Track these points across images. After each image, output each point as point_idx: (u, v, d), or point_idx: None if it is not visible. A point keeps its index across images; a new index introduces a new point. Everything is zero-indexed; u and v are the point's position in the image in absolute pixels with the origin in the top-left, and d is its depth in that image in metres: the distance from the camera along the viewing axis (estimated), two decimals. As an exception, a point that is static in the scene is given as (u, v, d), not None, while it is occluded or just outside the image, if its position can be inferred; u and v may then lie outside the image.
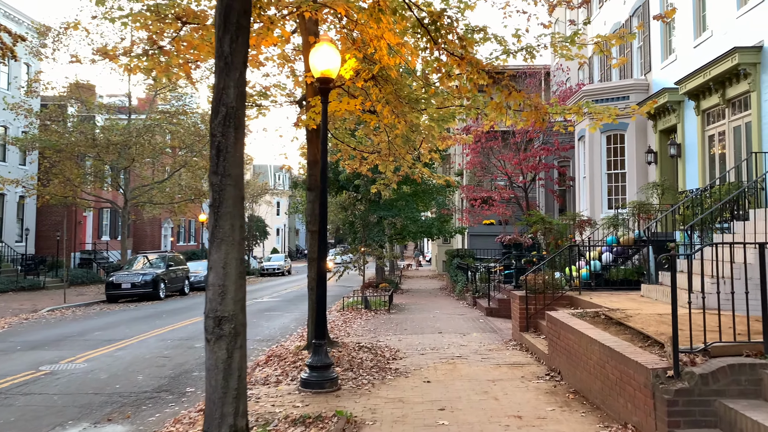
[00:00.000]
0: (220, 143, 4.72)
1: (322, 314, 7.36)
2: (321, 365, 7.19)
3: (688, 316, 5.18)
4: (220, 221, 4.67)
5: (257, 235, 49.07)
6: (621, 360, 5.45)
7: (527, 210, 23.13)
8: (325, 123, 7.42)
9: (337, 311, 16.73)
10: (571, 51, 9.51)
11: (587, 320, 7.44)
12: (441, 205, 26.14)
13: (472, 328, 12.97)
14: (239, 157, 4.78)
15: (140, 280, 22.91)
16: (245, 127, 4.98)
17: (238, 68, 4.82)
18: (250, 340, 12.54)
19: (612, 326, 6.89)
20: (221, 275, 4.63)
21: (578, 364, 6.81)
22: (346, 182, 19.97)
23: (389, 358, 9.13)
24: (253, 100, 12.11)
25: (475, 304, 17.35)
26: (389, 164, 10.98)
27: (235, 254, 4.68)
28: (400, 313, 16.40)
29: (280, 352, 9.97)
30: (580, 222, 12.92)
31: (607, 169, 17.84)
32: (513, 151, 23.04)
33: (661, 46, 16.35)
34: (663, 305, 8.75)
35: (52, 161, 24.84)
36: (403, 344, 10.72)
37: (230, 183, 4.70)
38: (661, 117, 16.04)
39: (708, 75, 12.81)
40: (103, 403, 7.43)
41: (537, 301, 10.34)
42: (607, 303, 9.07)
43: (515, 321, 10.75)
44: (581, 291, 10.68)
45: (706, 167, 13.84)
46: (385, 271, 26.61)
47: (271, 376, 8.24)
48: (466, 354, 9.54)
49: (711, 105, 13.30)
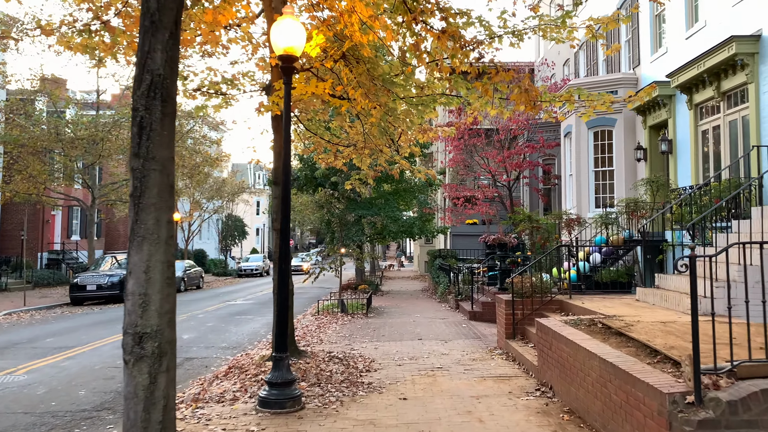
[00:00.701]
0: (143, 119, 3.82)
1: (284, 323, 6.47)
2: (282, 382, 6.30)
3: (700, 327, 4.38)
4: (142, 215, 3.77)
5: (236, 235, 47.89)
6: (627, 379, 4.65)
7: (511, 209, 22.42)
8: (288, 107, 6.53)
9: (312, 315, 15.82)
10: (562, 34, 8.74)
11: (582, 329, 6.65)
12: (423, 204, 25.31)
13: (454, 333, 12.14)
14: (168, 136, 3.89)
15: (107, 281, 21.78)
16: (176, 103, 4.07)
17: (167, 28, 3.92)
18: (214, 348, 11.66)
19: (612, 337, 6.09)
20: (142, 282, 3.73)
21: (574, 380, 6.01)
22: (323, 179, 19.03)
23: (362, 370, 8.25)
24: (217, 88, 11.18)
25: (458, 308, 16.55)
26: (365, 158, 10.10)
27: (160, 256, 3.78)
28: (379, 317, 15.53)
29: (243, 363, 9.05)
30: (569, 221, 12.15)
31: (595, 167, 17.17)
32: (497, 149, 22.29)
33: (650, 38, 15.70)
34: (663, 311, 8.00)
35: (13, 156, 23.56)
36: (379, 353, 9.85)
37: (155, 168, 3.81)
38: (651, 112, 15.39)
39: (702, 67, 12.14)
40: (29, 426, 6.45)
41: (524, 306, 9.55)
42: (601, 308, 8.30)
43: (501, 327, 9.95)
44: (571, 295, 9.91)
45: (699, 163, 13.18)
46: (365, 272, 25.72)
47: (228, 391, 7.32)
48: (448, 364, 8.70)
49: (705, 98, 12.64)
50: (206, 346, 11.70)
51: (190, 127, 26.74)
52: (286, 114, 6.51)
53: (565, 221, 12.20)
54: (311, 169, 19.30)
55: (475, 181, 25.46)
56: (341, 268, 16.28)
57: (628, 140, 16.40)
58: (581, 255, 13.28)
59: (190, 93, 11.12)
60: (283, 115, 6.62)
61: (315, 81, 7.23)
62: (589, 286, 11.27)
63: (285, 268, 6.55)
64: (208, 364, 9.94)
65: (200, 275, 30.74)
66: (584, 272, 12.43)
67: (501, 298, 10.06)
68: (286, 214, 6.51)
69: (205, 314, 17.56)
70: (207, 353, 10.96)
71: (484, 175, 24.38)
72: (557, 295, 9.85)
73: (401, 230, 23.07)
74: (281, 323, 6.46)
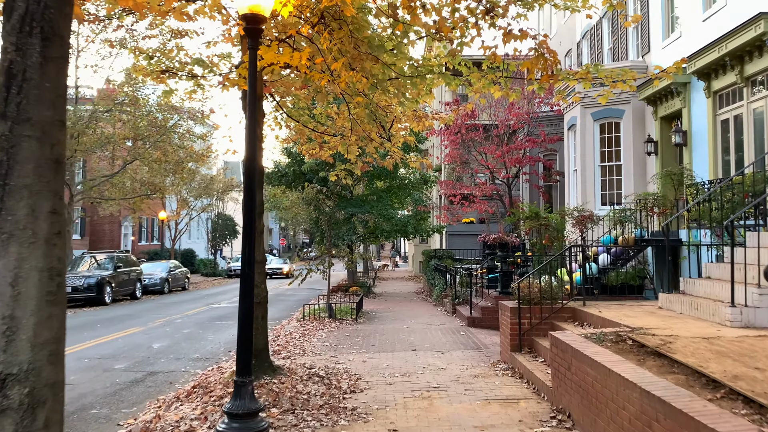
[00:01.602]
0: (13, 64, 2.65)
1: (248, 340, 5.31)
2: (244, 413, 5.12)
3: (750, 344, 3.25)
4: (8, 201, 2.60)
5: (226, 234, 46.60)
6: (686, 423, 3.51)
7: (511, 207, 21.31)
8: (254, 76, 5.37)
9: (297, 320, 14.65)
10: (577, 1, 7.61)
11: (609, 347, 5.51)
12: (418, 201, 24.13)
13: (452, 343, 10.99)
14: (52, 90, 2.72)
15: (82, 283, 20.54)
16: (68, 45, 2.90)
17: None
18: (185, 359, 10.48)
19: (649, 358, 4.96)
20: (7, 299, 2.56)
21: (602, 412, 4.87)
22: (311, 173, 17.82)
23: (346, 391, 7.08)
24: (189, 69, 10.00)
25: (455, 312, 15.40)
26: (352, 146, 8.94)
27: (37, 261, 2.62)
28: (370, 322, 14.37)
29: (211, 380, 7.88)
30: (581, 218, 11.00)
31: (601, 161, 16.06)
32: (495, 144, 21.17)
33: (662, 22, 14.58)
34: (696, 322, 6.88)
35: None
36: (367, 367, 8.69)
37: (30, 134, 2.64)
38: (663, 102, 14.27)
39: (723, 49, 11.04)
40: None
41: (532, 314, 8.40)
42: (622, 318, 7.17)
43: (505, 338, 8.80)
44: (585, 301, 8.78)
45: (718, 156, 12.09)
46: (356, 273, 24.54)
47: (186, 418, 6.16)
48: (446, 383, 7.54)
49: (725, 85, 11.54)
50: (176, 357, 10.52)
51: (175, 121, 25.45)
52: (251, 84, 5.34)
53: (576, 218, 11.03)
54: (298, 163, 18.12)
55: (472, 177, 24.34)
56: (329, 269, 15.09)
57: (637, 133, 15.30)
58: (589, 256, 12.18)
59: (157, 75, 9.93)
60: (248, 88, 5.45)
61: (289, 50, 6.07)
62: (603, 291, 10.16)
63: (249, 273, 5.38)
64: (174, 379, 8.77)
65: (186, 276, 29.49)
66: (592, 275, 11.31)
67: (505, 304, 8.92)
68: (250, 208, 5.35)
69: (183, 319, 16.36)
70: (176, 366, 9.78)
71: (482, 172, 23.26)
72: (569, 302, 8.70)
73: (395, 229, 21.91)
74: (245, 340, 5.29)
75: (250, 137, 5.45)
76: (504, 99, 22.15)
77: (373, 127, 8.52)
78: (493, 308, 13.21)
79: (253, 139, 5.44)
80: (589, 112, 16.35)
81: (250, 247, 5.33)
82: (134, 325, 15.05)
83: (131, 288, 23.31)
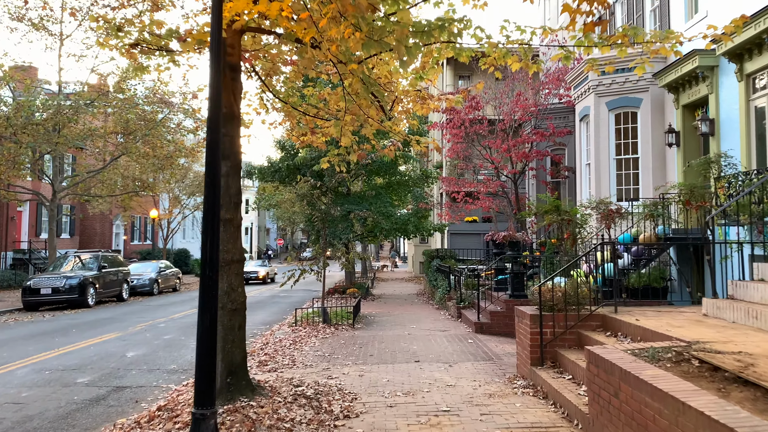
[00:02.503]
0: None
1: (210, 360, 4.15)
2: (202, 457, 3.97)
3: None
4: None
5: (221, 233, 45.38)
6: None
7: (517, 204, 20.15)
8: (219, 24, 4.21)
9: (288, 326, 13.45)
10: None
11: (669, 368, 4.35)
12: (418, 198, 22.93)
13: (459, 353, 9.80)
14: None
15: (64, 284, 19.34)
16: None
17: None
18: (159, 371, 9.26)
19: (732, 388, 3.80)
20: None
21: (670, 458, 3.71)
22: (304, 166, 16.61)
23: (338, 416, 5.90)
24: (163, 44, 8.81)
25: (460, 317, 14.23)
26: (347, 127, 7.76)
27: None
28: (368, 328, 13.18)
29: (180, 400, 6.70)
30: (609, 212, 9.81)
31: (617, 154, 14.95)
32: (501, 138, 20.02)
33: (684, 2, 13.45)
34: (759, 334, 5.70)
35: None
36: (364, 383, 7.51)
37: None
38: (686, 88, 13.13)
39: (761, 25, 9.94)
40: None
41: (555, 323, 7.23)
42: (667, 329, 6.01)
43: (523, 349, 7.63)
44: (617, 307, 7.60)
45: (752, 146, 10.95)
46: (354, 274, 23.35)
47: (140, 454, 4.99)
48: (457, 405, 6.36)
49: (761, 66, 10.42)
50: (150, 369, 9.33)
51: (164, 115, 24.25)
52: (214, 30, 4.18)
53: (603, 212, 9.84)
54: (293, 157, 16.92)
55: (476, 174, 23.18)
56: (324, 270, 13.92)
57: (656, 123, 14.17)
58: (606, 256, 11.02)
59: (127, 50, 8.74)
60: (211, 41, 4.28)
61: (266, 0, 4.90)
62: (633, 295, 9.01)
63: (212, 277, 4.22)
64: (142, 396, 7.59)
65: (177, 276, 28.28)
66: (609, 276, 10.12)
67: (523, 311, 7.74)
68: (212, 182, 4.17)
69: (167, 323, 15.18)
70: (147, 379, 8.60)
71: (486, 167, 22.13)
72: (598, 308, 7.52)
73: (395, 228, 20.73)
74: (205, 362, 4.12)
75: (215, 88, 4.27)
76: (510, 90, 21.07)
77: (371, 105, 7.35)
78: (504, 313, 12.06)
79: (217, 101, 4.27)
80: (603, 101, 15.21)
81: (212, 241, 4.15)
82: (113, 330, 13.86)
83: (117, 289, 22.13)
